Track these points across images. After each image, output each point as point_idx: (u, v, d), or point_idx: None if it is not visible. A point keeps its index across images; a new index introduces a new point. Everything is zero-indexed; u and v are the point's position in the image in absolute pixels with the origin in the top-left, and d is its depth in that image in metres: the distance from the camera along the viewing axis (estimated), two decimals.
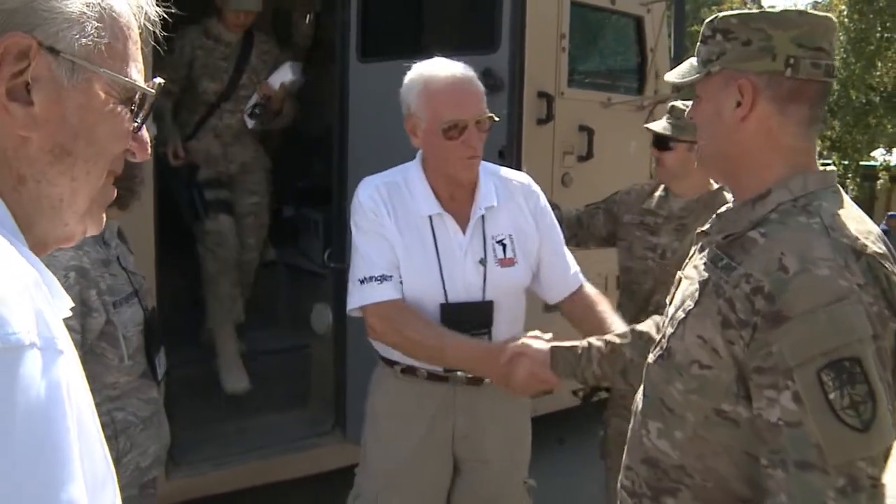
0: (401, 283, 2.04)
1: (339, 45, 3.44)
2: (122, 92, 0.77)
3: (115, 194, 0.83)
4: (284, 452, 3.49)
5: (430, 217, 2.07)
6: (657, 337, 1.67)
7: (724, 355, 1.21)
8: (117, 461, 1.98)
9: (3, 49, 0.68)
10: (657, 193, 2.75)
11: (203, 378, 3.72)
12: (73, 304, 0.74)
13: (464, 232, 2.09)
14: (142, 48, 0.81)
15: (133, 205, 2.03)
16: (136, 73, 0.79)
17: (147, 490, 2.22)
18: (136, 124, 0.79)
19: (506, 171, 2.25)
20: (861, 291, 1.12)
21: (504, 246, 2.11)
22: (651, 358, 1.39)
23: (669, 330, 1.34)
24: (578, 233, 2.94)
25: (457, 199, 2.10)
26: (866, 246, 1.16)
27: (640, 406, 1.41)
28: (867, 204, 20.93)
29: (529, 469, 2.35)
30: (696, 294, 1.28)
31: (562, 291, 2.22)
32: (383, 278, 2.02)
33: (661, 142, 2.65)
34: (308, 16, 4.30)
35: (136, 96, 0.79)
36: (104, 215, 0.83)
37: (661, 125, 2.66)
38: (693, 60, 1.36)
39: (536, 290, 2.23)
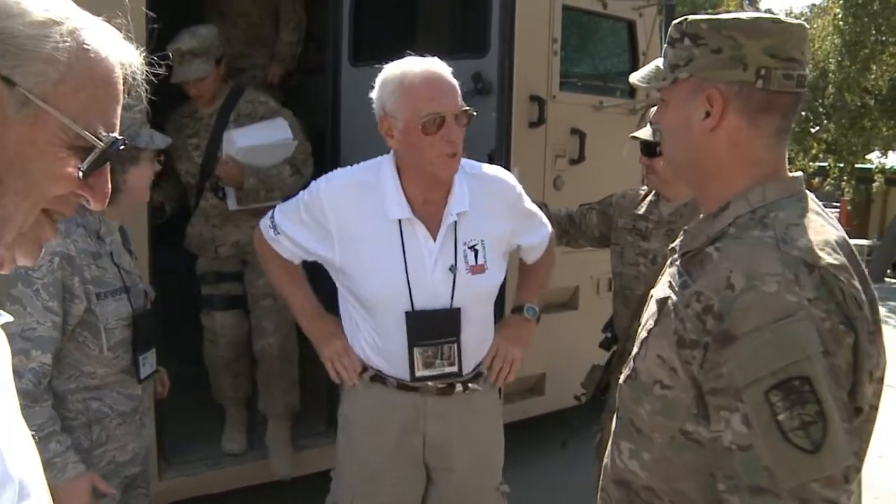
0: (289, 251, 2.18)
1: (332, 50, 3.48)
2: (73, 138, 0.77)
3: (54, 232, 0.84)
4: None
5: (400, 221, 2.04)
6: None
7: (681, 375, 1.18)
8: (90, 451, 2.01)
9: None
10: (648, 198, 2.77)
11: (197, 378, 3.74)
12: (9, 317, 0.78)
13: (434, 238, 2.06)
14: (124, 102, 0.82)
15: (119, 201, 2.01)
16: (99, 124, 0.79)
17: (138, 490, 2.23)
18: (81, 171, 0.78)
19: (483, 169, 2.21)
20: (811, 306, 1.08)
21: (476, 252, 2.09)
22: (622, 378, 1.37)
23: (635, 350, 1.31)
24: (570, 230, 2.95)
25: (431, 202, 2.06)
26: (819, 258, 1.12)
27: (614, 426, 1.38)
28: (863, 206, 20.98)
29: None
30: (656, 313, 1.25)
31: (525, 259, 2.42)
32: (277, 230, 2.17)
33: (649, 149, 2.66)
34: (290, 23, 4.29)
35: (88, 145, 0.79)
36: (40, 250, 0.84)
37: (647, 132, 2.67)
38: (659, 62, 1.31)
39: None
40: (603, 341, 2.91)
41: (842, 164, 17.79)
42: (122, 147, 0.80)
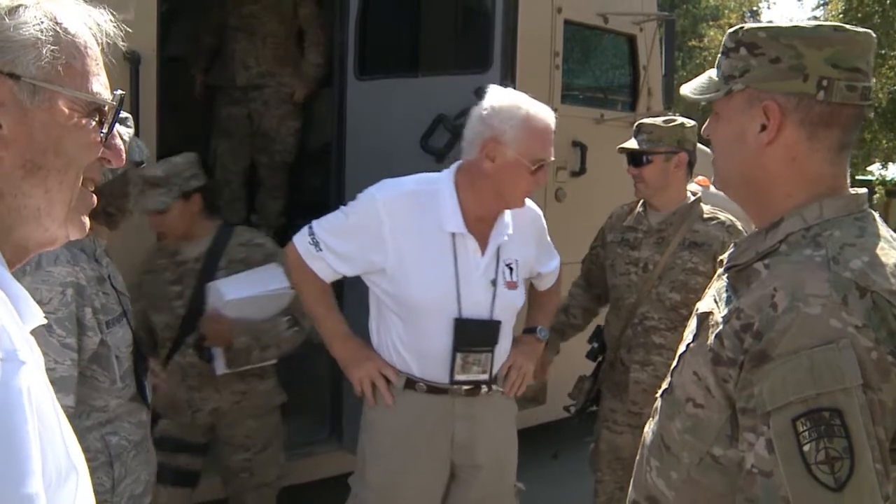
0: (331, 268, 2.21)
1: (338, 64, 3.55)
2: (86, 106, 0.83)
3: (96, 200, 0.90)
4: None
5: (454, 234, 2.17)
6: None
7: (716, 394, 1.13)
8: (113, 489, 1.91)
9: None
10: (636, 210, 2.84)
11: None
12: (43, 319, 0.81)
13: (483, 253, 2.21)
14: (105, 62, 0.87)
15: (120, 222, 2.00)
16: (99, 86, 0.85)
17: None
18: (102, 134, 0.85)
19: None
20: (858, 334, 1.00)
21: (511, 270, 2.26)
22: (660, 392, 1.33)
23: (674, 364, 1.27)
24: (595, 286, 3.01)
25: (483, 220, 2.22)
26: (874, 281, 1.04)
27: (647, 439, 1.33)
28: None
29: (523, 478, 2.44)
30: (696, 327, 1.21)
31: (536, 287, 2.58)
32: (320, 246, 2.20)
33: (636, 159, 2.73)
34: (320, 45, 4.37)
35: (101, 108, 0.85)
36: (86, 220, 0.88)
37: (634, 143, 2.75)
38: (712, 73, 1.24)
39: None
40: (589, 352, 2.97)
41: None
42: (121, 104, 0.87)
